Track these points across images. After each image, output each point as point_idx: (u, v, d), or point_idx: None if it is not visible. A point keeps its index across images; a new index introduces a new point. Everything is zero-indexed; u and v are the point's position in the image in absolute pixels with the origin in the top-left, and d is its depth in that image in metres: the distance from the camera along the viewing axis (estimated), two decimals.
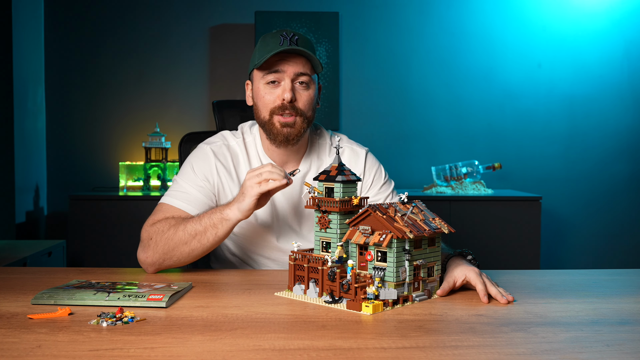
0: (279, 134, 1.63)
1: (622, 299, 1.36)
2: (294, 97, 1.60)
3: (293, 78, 1.61)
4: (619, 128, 4.04)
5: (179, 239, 1.51)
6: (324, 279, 1.31)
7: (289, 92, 1.59)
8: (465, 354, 0.98)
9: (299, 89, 1.62)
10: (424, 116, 4.03)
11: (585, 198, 4.06)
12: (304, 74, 1.61)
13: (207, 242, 1.51)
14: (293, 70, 1.60)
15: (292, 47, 1.57)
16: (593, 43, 4.02)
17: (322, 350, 0.98)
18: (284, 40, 1.58)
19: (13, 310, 1.20)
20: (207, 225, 1.50)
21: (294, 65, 1.60)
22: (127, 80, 3.97)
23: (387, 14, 4.00)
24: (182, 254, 1.52)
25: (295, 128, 1.62)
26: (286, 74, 1.60)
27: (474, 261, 1.45)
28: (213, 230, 1.50)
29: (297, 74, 1.61)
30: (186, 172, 1.68)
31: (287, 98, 1.59)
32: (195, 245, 1.51)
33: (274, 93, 1.62)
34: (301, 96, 1.62)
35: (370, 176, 1.79)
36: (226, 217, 1.49)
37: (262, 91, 1.63)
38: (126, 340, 1.02)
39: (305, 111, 1.63)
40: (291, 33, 1.60)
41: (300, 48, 1.58)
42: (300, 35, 1.61)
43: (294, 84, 1.62)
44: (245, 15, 3.94)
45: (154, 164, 3.72)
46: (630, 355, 0.99)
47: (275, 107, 1.62)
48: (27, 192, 3.73)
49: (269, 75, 1.61)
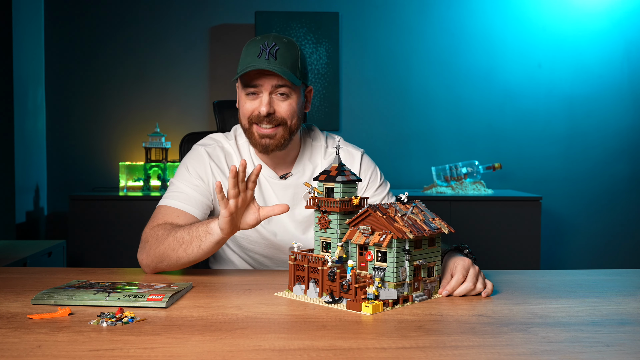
0: (257, 143, 1.64)
1: (622, 299, 1.36)
2: (272, 109, 1.60)
3: (271, 91, 1.60)
4: (619, 128, 4.04)
5: (168, 245, 1.50)
6: (324, 279, 1.31)
7: (265, 106, 1.58)
8: (465, 354, 0.98)
9: (278, 100, 1.61)
10: (424, 116, 4.03)
11: (586, 198, 4.06)
12: (283, 86, 1.60)
13: (192, 252, 1.48)
14: (270, 83, 1.59)
15: (268, 66, 1.55)
16: (593, 43, 4.02)
17: (322, 351, 0.98)
18: (262, 53, 1.57)
19: (13, 310, 1.20)
20: (193, 236, 1.48)
21: (271, 79, 1.59)
22: (127, 80, 3.97)
23: (387, 14, 4.00)
24: (171, 260, 1.52)
25: (275, 139, 1.62)
26: (263, 88, 1.59)
27: (470, 255, 1.45)
28: (197, 242, 1.47)
29: (275, 86, 1.60)
30: (181, 173, 1.69)
31: (263, 112, 1.59)
32: (181, 254, 1.49)
33: (252, 104, 1.62)
34: (280, 106, 1.61)
35: (366, 178, 1.79)
36: (210, 231, 1.46)
37: (242, 100, 1.64)
38: (126, 341, 1.02)
39: (287, 119, 1.62)
40: (272, 43, 1.58)
41: (272, 68, 1.55)
42: (281, 44, 1.59)
43: (273, 96, 1.61)
44: (245, 16, 3.94)
45: (154, 164, 3.72)
46: (630, 355, 0.99)
47: (253, 116, 1.61)
48: (27, 192, 3.73)
49: (247, 89, 1.61)
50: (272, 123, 1.61)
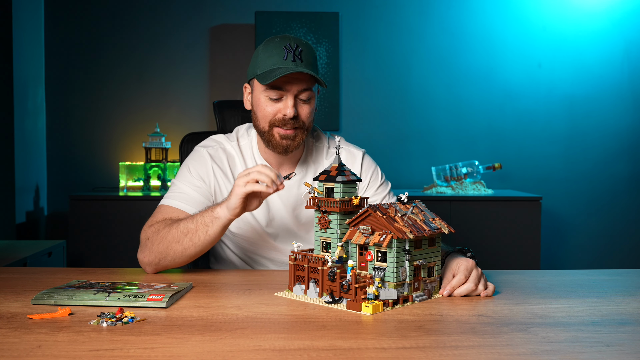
0: (278, 145, 1.64)
1: (622, 299, 1.36)
2: (296, 112, 1.60)
3: (296, 94, 1.60)
4: (619, 128, 4.04)
5: (172, 237, 1.51)
6: (324, 279, 1.31)
7: (291, 109, 1.58)
8: (465, 354, 0.98)
9: (301, 104, 1.61)
10: (424, 116, 4.03)
11: (586, 198, 4.06)
12: (307, 90, 1.60)
13: (199, 240, 1.50)
14: (297, 88, 1.59)
15: (298, 68, 1.55)
16: (593, 43, 4.02)
17: (322, 351, 0.98)
18: (288, 55, 1.57)
19: (13, 311, 1.20)
20: (198, 223, 1.49)
21: (298, 83, 1.59)
22: (127, 80, 3.97)
23: (387, 14, 4.00)
24: (175, 253, 1.52)
25: (295, 140, 1.63)
26: (289, 92, 1.59)
27: (473, 258, 1.45)
28: (204, 228, 1.49)
29: (300, 91, 1.60)
30: (183, 174, 1.70)
31: (289, 114, 1.58)
32: (187, 244, 1.50)
33: (275, 106, 1.61)
34: (303, 110, 1.62)
35: (367, 178, 1.79)
36: (216, 216, 1.48)
37: (263, 103, 1.62)
38: (126, 341, 1.02)
39: (307, 123, 1.64)
40: (294, 44, 1.58)
41: (305, 70, 1.55)
42: (303, 46, 1.60)
43: (296, 99, 1.61)
44: (245, 16, 3.94)
45: (154, 164, 3.72)
46: (630, 355, 0.99)
47: (276, 119, 1.61)
48: (27, 192, 3.73)
49: (271, 92, 1.60)
50: (294, 126, 1.61)
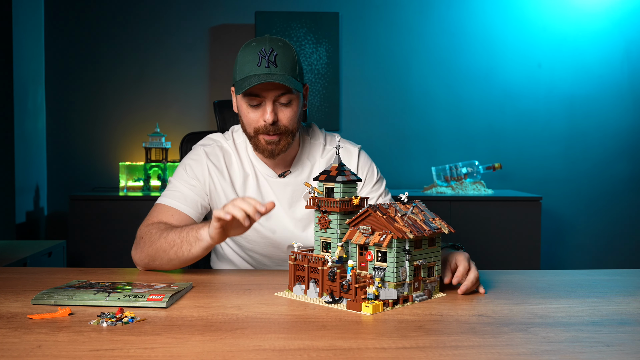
0: (264, 149, 1.64)
1: (622, 299, 1.36)
2: (276, 117, 1.59)
3: (274, 99, 1.59)
4: (619, 128, 4.04)
5: (160, 246, 1.52)
6: (324, 279, 1.31)
7: (270, 115, 1.57)
8: (465, 354, 0.98)
9: (281, 108, 1.60)
10: (424, 116, 4.03)
11: (586, 198, 4.06)
12: (285, 94, 1.59)
13: (183, 256, 1.49)
14: (274, 94, 1.58)
15: (271, 76, 1.53)
16: (593, 43, 4.02)
17: (322, 351, 0.98)
18: (262, 61, 1.55)
19: (13, 311, 1.20)
20: (184, 240, 1.49)
21: (274, 89, 1.57)
22: (127, 81, 3.97)
23: (387, 14, 4.00)
24: (162, 260, 1.53)
25: (279, 145, 1.62)
26: (267, 99, 1.58)
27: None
28: (187, 246, 1.48)
29: (278, 96, 1.59)
30: (179, 173, 1.72)
31: (268, 120, 1.58)
32: (172, 256, 1.51)
33: (256, 113, 1.60)
34: (284, 114, 1.60)
35: (363, 174, 1.79)
36: (200, 238, 1.47)
37: (245, 110, 1.62)
38: (126, 341, 1.02)
39: (289, 127, 1.62)
40: (269, 48, 1.56)
41: (276, 78, 1.53)
42: (279, 49, 1.57)
43: (276, 104, 1.60)
44: (245, 16, 3.94)
45: (154, 164, 3.72)
46: (630, 355, 0.99)
47: (259, 126, 1.60)
48: (27, 192, 3.73)
49: (250, 99, 1.59)
50: (276, 131, 1.60)
